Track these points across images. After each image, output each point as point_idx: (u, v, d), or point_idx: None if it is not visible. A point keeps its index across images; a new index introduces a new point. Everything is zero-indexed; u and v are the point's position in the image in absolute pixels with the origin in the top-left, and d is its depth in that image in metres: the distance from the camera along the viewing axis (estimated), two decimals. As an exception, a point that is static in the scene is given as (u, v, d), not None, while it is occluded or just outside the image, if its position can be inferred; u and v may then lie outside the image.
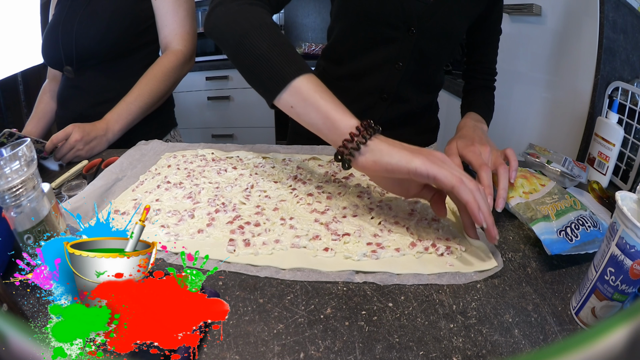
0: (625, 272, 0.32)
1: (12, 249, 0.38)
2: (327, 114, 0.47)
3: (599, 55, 0.88)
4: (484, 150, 0.56)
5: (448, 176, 0.41)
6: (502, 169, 0.52)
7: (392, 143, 0.45)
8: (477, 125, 0.66)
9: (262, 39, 0.49)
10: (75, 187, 0.59)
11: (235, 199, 0.55)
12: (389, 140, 0.46)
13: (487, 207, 0.42)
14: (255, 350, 0.33)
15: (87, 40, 0.84)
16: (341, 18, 0.73)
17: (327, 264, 0.43)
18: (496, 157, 0.55)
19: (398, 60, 0.71)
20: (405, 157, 0.43)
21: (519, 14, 1.15)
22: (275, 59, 0.48)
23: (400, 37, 0.69)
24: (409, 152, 0.43)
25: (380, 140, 0.45)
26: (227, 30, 0.52)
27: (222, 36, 0.53)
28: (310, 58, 2.25)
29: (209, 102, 2.26)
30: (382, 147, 0.45)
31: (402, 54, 0.71)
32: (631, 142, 0.67)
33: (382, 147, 0.45)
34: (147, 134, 0.84)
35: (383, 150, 0.44)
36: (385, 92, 0.76)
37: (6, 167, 0.34)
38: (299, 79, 0.47)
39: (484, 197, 0.42)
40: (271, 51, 0.48)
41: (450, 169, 0.42)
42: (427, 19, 0.67)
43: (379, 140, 0.45)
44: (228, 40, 0.52)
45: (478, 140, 0.59)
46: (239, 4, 0.53)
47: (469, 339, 0.34)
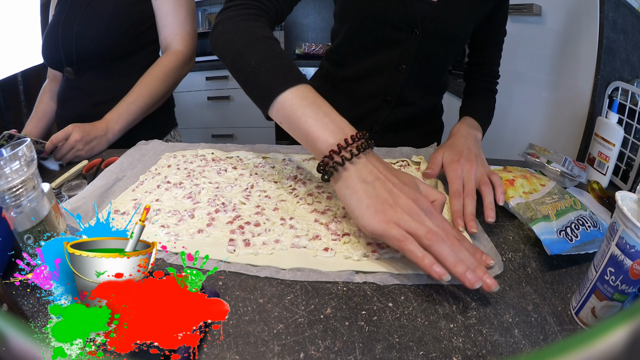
0: (625, 272, 0.32)
1: (12, 249, 0.39)
2: (307, 130, 0.45)
3: (599, 55, 0.88)
4: (469, 169, 0.54)
5: (393, 238, 0.39)
6: (486, 188, 0.52)
7: (364, 178, 0.43)
8: (470, 134, 0.63)
9: (251, 56, 0.49)
10: (75, 187, 0.59)
11: (235, 199, 0.55)
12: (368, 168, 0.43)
13: (452, 255, 0.38)
14: (255, 350, 0.33)
15: (87, 41, 0.84)
16: (344, 20, 0.72)
17: (327, 264, 0.43)
18: (481, 174, 0.54)
19: (402, 62, 0.71)
20: (359, 208, 0.42)
21: (519, 14, 1.15)
22: (262, 75, 0.48)
23: (404, 39, 0.68)
24: (368, 201, 0.42)
25: (356, 169, 0.43)
26: (223, 49, 0.53)
27: (221, 55, 0.54)
28: (310, 58, 2.25)
29: (209, 102, 2.27)
30: (350, 183, 0.43)
31: (405, 56, 0.70)
32: (631, 142, 0.67)
33: (351, 182, 0.43)
34: (147, 134, 0.84)
35: (349, 186, 0.43)
36: (388, 94, 0.75)
37: (6, 167, 0.34)
38: (283, 94, 0.47)
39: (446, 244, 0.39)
40: (259, 67, 0.48)
41: (409, 222, 0.40)
42: (431, 21, 0.66)
43: (354, 169, 0.43)
44: (225, 59, 0.53)
45: (466, 153, 0.57)
46: (235, 22, 0.53)
47: (469, 339, 0.34)
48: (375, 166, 0.44)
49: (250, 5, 0.55)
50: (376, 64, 0.72)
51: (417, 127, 0.81)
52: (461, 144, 0.60)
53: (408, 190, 0.43)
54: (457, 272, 0.37)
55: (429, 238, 0.39)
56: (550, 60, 1.09)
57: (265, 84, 0.48)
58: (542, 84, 1.14)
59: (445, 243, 0.39)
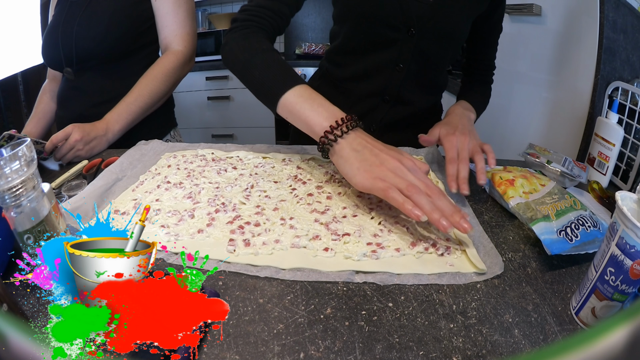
0: (625, 272, 0.32)
1: (12, 249, 0.38)
2: (306, 119, 0.55)
3: (599, 55, 0.88)
4: (463, 140, 0.61)
5: (379, 190, 0.47)
6: (478, 155, 0.59)
7: (355, 147, 0.51)
8: (464, 113, 0.69)
9: (254, 68, 0.59)
10: (75, 187, 0.59)
11: (235, 199, 0.55)
12: (357, 140, 0.51)
13: (429, 204, 0.44)
14: (255, 350, 0.33)
15: (87, 41, 0.84)
16: (342, 21, 0.73)
17: (327, 264, 0.43)
18: (474, 145, 0.61)
19: (399, 61, 0.71)
20: (351, 171, 0.50)
21: (519, 14, 1.15)
22: (265, 82, 0.58)
23: (401, 38, 0.69)
24: (358, 164, 0.50)
25: (347, 142, 0.52)
26: (232, 66, 0.64)
27: (232, 70, 0.64)
28: (311, 58, 2.25)
29: (209, 102, 2.27)
30: (344, 153, 0.51)
31: (402, 56, 0.71)
32: (631, 142, 0.67)
33: (344, 152, 0.51)
34: (147, 134, 0.84)
35: (343, 156, 0.52)
36: (387, 94, 0.75)
37: (6, 167, 0.34)
38: (285, 95, 0.56)
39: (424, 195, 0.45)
40: (262, 76, 0.59)
41: (393, 177, 0.47)
42: (427, 20, 0.67)
43: (345, 142, 0.52)
44: (236, 73, 0.64)
45: (461, 128, 0.63)
46: (237, 41, 0.63)
47: (469, 339, 0.34)
48: (364, 138, 0.52)
49: (249, 25, 0.64)
50: (374, 64, 0.73)
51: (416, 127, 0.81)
52: (456, 121, 0.66)
53: (393, 153, 0.50)
54: (433, 218, 0.43)
55: (409, 190, 0.45)
56: (550, 60, 1.09)
57: (269, 90, 0.58)
58: (542, 84, 1.14)
59: (423, 194, 0.45)
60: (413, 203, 0.44)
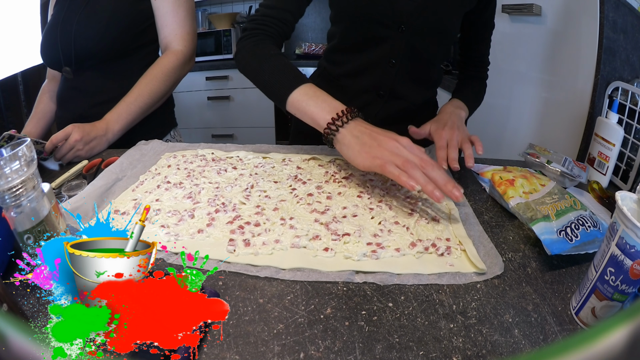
0: (625, 272, 0.32)
1: (12, 249, 0.38)
2: (311, 115, 0.60)
3: (599, 55, 0.88)
4: (452, 133, 0.65)
5: (377, 166, 0.52)
6: (466, 144, 0.64)
7: (355, 134, 0.56)
8: (454, 112, 0.73)
9: (264, 73, 0.66)
10: (75, 187, 0.59)
11: (235, 199, 0.55)
12: (357, 128, 0.57)
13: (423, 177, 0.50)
14: (255, 350, 0.33)
15: (86, 40, 0.84)
16: (338, 22, 0.76)
17: (327, 264, 0.43)
18: (463, 137, 0.66)
19: (391, 57, 0.74)
20: (353, 154, 0.55)
21: (518, 14, 1.15)
22: (275, 85, 0.64)
23: (392, 35, 0.71)
24: (359, 147, 0.55)
25: (348, 130, 0.57)
26: (246, 72, 0.70)
27: (246, 76, 0.70)
28: (311, 58, 2.25)
29: (209, 102, 2.27)
30: (345, 140, 0.57)
31: (394, 52, 0.73)
32: (631, 142, 0.67)
33: (346, 140, 0.57)
34: (147, 134, 0.84)
35: (345, 143, 0.57)
36: (381, 89, 0.78)
37: (6, 167, 0.34)
38: (292, 95, 0.62)
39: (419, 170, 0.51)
40: (271, 79, 0.65)
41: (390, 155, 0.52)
42: (416, 17, 0.69)
43: (346, 131, 0.57)
44: (249, 78, 0.69)
45: (450, 125, 0.68)
46: (247, 49, 0.68)
47: (469, 339, 0.34)
48: (363, 126, 0.57)
49: (257, 33, 0.69)
50: (368, 60, 0.76)
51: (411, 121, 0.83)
52: (446, 118, 0.70)
53: (390, 135, 0.55)
54: (427, 189, 0.49)
55: (404, 165, 0.51)
56: (550, 60, 1.09)
57: (278, 91, 0.64)
58: (542, 84, 1.14)
59: (418, 169, 0.51)
60: (408, 175, 0.50)
